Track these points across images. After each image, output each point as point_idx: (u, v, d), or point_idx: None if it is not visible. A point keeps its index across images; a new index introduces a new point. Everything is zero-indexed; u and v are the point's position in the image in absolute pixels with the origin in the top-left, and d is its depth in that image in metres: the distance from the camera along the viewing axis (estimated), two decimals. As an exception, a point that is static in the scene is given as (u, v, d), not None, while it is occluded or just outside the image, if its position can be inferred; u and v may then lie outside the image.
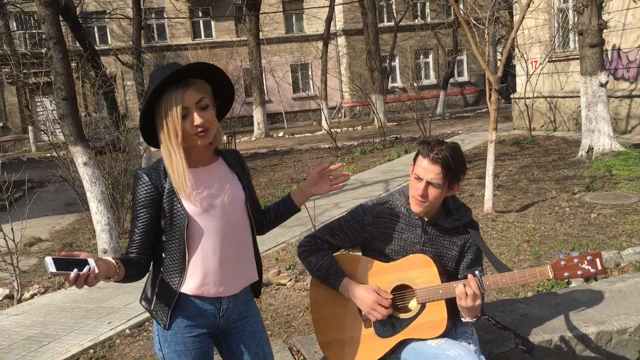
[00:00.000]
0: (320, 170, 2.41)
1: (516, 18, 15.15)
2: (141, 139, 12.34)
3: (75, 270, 1.70)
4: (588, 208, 7.13)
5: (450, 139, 15.89)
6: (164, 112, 1.94)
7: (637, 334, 2.93)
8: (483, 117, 22.57)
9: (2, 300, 5.74)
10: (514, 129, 15.78)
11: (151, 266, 2.12)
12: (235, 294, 2.15)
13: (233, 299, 2.15)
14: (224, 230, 2.08)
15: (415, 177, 2.54)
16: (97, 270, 1.76)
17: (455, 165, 2.50)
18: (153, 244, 2.07)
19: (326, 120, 18.05)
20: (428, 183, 2.49)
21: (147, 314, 3.31)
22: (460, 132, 17.95)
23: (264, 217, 2.40)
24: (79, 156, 7.07)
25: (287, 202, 2.43)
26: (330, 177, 2.44)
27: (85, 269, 1.72)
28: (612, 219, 6.60)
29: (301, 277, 5.69)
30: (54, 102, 10.50)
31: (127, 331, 4.64)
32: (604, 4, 10.18)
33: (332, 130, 16.26)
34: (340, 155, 14.80)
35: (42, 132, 26.51)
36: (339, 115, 28.71)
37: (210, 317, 2.11)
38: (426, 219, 2.61)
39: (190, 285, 2.06)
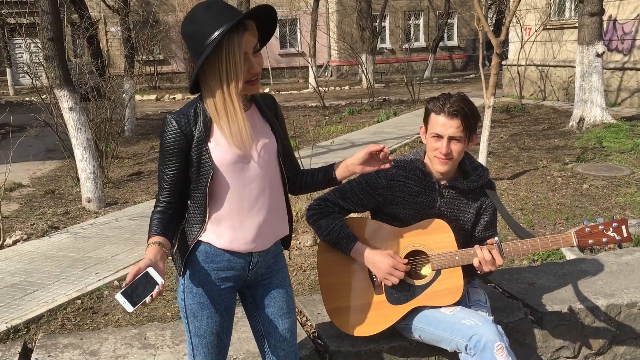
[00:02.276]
0: (371, 150, 2.16)
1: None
2: (125, 87, 12.08)
3: (149, 297, 1.74)
4: (580, 179, 7.10)
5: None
6: (225, 58, 1.78)
7: (646, 308, 2.89)
8: (471, 83, 22.44)
9: (-18, 245, 5.56)
10: (503, 96, 15.68)
11: None
12: (266, 248, 2.06)
13: (264, 252, 2.05)
14: (254, 184, 1.96)
15: (434, 136, 2.41)
16: (162, 281, 1.75)
17: (471, 114, 2.39)
18: (183, 191, 1.98)
19: (315, 78, 17.75)
20: (450, 139, 2.37)
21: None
22: (450, 96, 17.79)
23: (298, 176, 2.24)
24: (65, 101, 6.81)
25: (327, 172, 2.20)
26: (380, 157, 2.20)
27: (156, 290, 1.74)
28: (605, 190, 6.58)
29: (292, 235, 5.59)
30: (33, 43, 10.12)
31: (116, 282, 4.52)
32: (606, -27, 9.99)
33: (319, 89, 16.00)
34: (328, 114, 14.60)
35: (21, 75, 25.90)
36: (326, 74, 28.33)
37: (239, 270, 2.02)
38: (443, 182, 2.50)
39: (220, 239, 1.96)
